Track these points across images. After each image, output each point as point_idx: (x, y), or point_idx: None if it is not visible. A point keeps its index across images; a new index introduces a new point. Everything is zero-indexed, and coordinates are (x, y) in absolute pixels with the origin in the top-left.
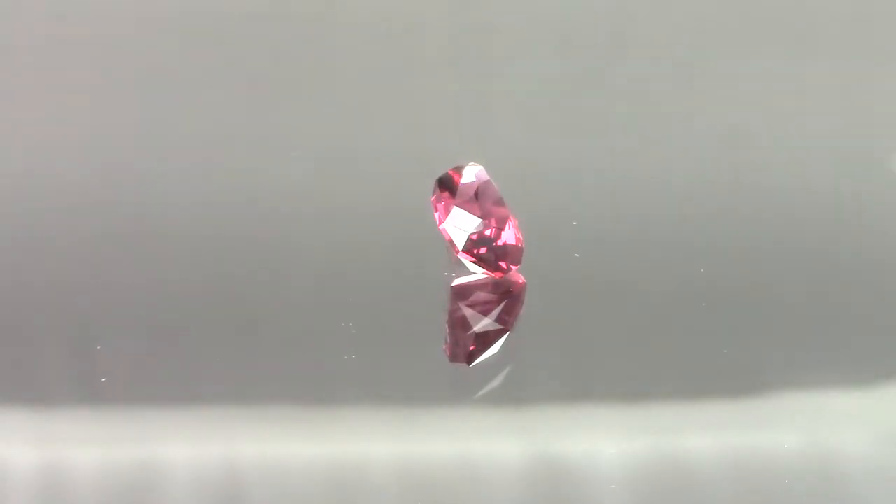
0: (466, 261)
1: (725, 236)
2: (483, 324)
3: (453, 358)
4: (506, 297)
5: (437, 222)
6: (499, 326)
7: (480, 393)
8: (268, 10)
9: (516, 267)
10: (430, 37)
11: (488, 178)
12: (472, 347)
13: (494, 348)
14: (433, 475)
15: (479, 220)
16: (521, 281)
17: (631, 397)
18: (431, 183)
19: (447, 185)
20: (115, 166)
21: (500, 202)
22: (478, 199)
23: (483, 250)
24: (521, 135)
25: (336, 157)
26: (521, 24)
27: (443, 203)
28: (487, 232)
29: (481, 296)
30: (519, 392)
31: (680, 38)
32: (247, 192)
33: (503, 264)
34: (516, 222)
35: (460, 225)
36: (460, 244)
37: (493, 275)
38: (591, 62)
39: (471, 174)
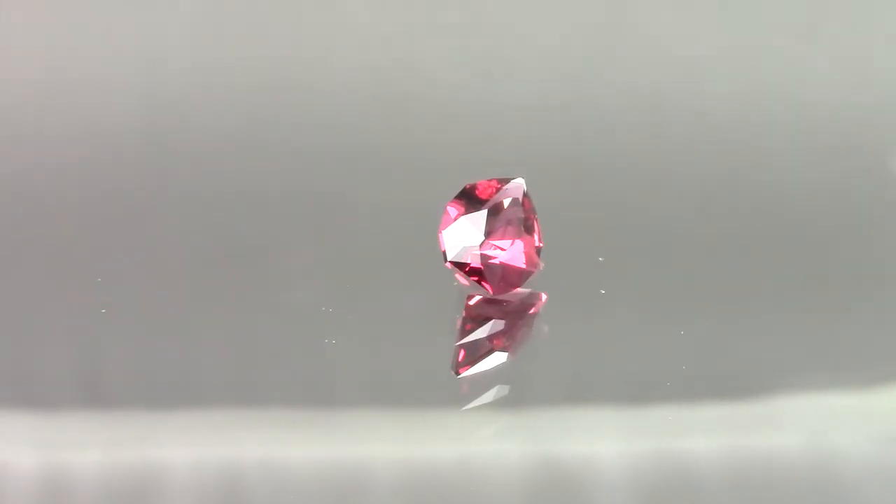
0: (455, 273)
1: (726, 237)
2: (472, 337)
3: (452, 365)
4: (509, 318)
5: (440, 227)
6: (488, 345)
7: (468, 406)
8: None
9: (513, 290)
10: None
11: (520, 196)
12: (460, 359)
13: (484, 365)
14: (435, 478)
15: (480, 237)
16: (536, 306)
17: (631, 399)
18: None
19: (467, 195)
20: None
21: (518, 222)
22: (492, 215)
23: (472, 265)
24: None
25: (342, 157)
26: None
27: (454, 210)
28: (481, 252)
29: (488, 310)
30: (519, 394)
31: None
32: (247, 193)
33: (501, 284)
34: (534, 247)
35: (459, 236)
36: (450, 255)
37: (488, 292)
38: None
39: (504, 188)
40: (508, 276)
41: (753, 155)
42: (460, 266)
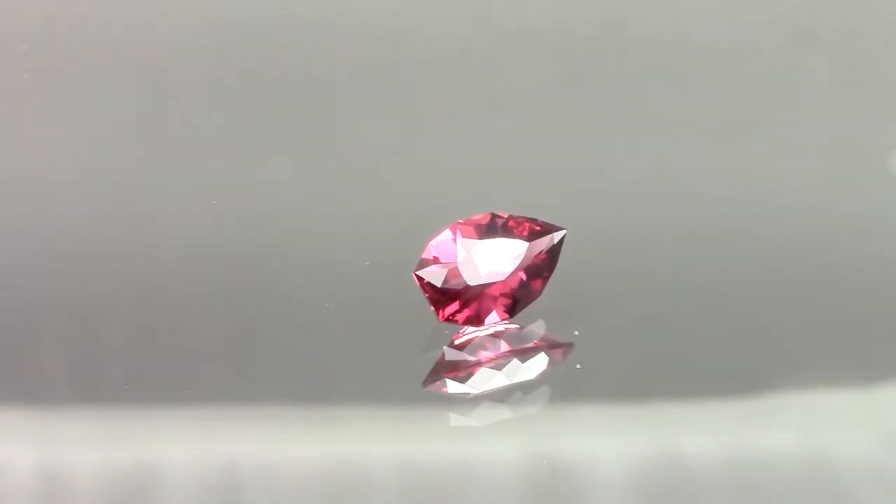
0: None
1: (725, 236)
2: (443, 352)
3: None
4: (494, 356)
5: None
6: (446, 370)
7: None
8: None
9: (474, 326)
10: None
11: (539, 248)
12: (427, 376)
13: (448, 387)
14: (432, 477)
15: (453, 262)
16: (545, 362)
17: (629, 397)
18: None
19: (489, 222)
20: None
21: (520, 267)
22: (488, 249)
23: (433, 285)
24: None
25: (343, 162)
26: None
27: (459, 229)
28: (447, 276)
29: (487, 340)
30: (518, 393)
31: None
32: (249, 199)
33: (456, 315)
34: (518, 296)
35: (439, 253)
36: (419, 266)
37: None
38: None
39: (532, 232)
40: (471, 312)
41: (755, 150)
42: (424, 283)
